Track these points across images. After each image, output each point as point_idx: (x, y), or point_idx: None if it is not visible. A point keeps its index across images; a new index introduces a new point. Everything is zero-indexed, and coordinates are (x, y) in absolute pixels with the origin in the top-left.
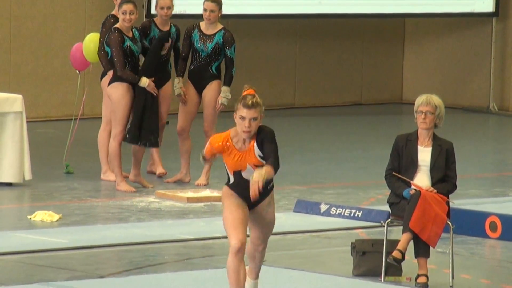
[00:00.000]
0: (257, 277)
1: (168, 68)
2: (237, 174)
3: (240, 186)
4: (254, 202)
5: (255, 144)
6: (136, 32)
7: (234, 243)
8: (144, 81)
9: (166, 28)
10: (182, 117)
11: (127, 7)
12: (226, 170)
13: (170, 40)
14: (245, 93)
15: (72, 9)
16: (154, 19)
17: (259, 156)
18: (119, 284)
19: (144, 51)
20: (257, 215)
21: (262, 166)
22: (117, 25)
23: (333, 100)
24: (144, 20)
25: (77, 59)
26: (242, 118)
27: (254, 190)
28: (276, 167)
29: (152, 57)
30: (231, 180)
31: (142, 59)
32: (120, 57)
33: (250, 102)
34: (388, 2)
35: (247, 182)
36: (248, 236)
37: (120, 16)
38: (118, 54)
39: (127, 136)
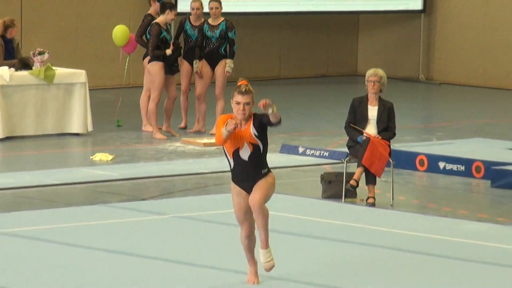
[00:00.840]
0: (267, 246)
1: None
2: (236, 154)
3: (240, 169)
4: (252, 185)
5: (251, 125)
6: (168, 25)
7: (243, 235)
8: (168, 52)
9: (197, 23)
10: (200, 86)
11: (175, 12)
12: (227, 156)
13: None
14: (239, 83)
15: (121, 9)
16: (190, 16)
17: (255, 134)
18: (156, 205)
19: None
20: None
21: (257, 144)
22: (157, 20)
23: (307, 73)
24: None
25: (127, 47)
26: (238, 103)
27: (265, 100)
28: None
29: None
30: (232, 165)
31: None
32: (153, 43)
33: (243, 89)
34: (347, 3)
35: (245, 164)
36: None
37: (169, 16)
38: (153, 41)
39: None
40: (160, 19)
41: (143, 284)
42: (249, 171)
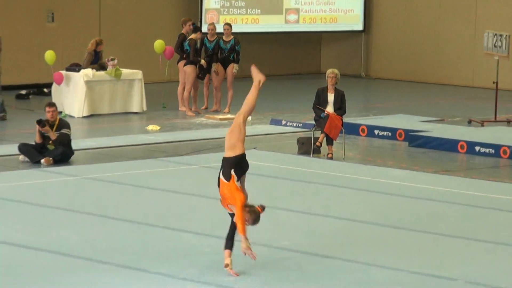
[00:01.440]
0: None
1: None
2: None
3: None
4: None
5: None
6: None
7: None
8: (203, 62)
9: (212, 39)
10: (216, 80)
11: (201, 33)
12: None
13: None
14: (258, 209)
15: (163, 30)
16: (207, 35)
17: None
18: (189, 159)
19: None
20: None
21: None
22: (191, 37)
23: (288, 71)
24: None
25: (166, 55)
26: (248, 222)
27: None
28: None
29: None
30: None
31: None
32: (193, 52)
33: (256, 222)
34: (314, 25)
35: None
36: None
37: (198, 35)
38: (192, 50)
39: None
40: (192, 36)
41: (180, 212)
42: None
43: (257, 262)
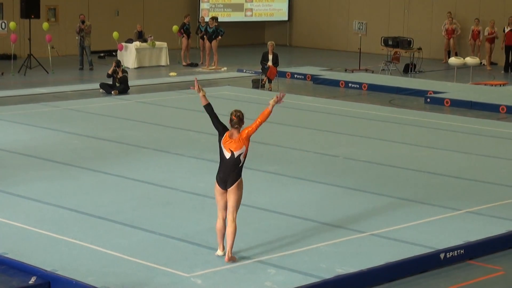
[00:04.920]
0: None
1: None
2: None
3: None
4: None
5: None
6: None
7: (218, 218)
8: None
9: (212, 26)
10: (208, 48)
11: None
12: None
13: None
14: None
15: (178, 20)
16: (207, 23)
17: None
18: (191, 91)
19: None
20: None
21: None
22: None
23: (246, 42)
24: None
25: (178, 34)
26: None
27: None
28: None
29: None
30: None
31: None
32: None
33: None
34: (260, 17)
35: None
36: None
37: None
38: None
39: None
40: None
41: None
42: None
43: None
